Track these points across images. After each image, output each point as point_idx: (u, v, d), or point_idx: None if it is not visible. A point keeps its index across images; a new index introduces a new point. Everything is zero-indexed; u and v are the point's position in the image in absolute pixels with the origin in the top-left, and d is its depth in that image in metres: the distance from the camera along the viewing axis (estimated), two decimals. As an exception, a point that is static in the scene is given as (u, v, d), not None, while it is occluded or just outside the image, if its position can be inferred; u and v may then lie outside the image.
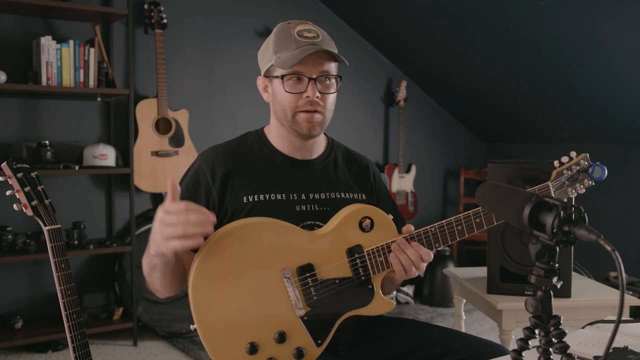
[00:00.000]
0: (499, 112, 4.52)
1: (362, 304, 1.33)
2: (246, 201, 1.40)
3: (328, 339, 1.31)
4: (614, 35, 3.04)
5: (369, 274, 1.32)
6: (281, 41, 1.40)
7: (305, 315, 1.29)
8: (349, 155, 1.59)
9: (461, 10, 3.49)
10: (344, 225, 1.33)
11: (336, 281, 1.31)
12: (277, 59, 1.39)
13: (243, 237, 1.26)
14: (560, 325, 0.89)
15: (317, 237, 1.32)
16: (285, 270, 1.28)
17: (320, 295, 1.30)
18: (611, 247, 0.75)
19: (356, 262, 1.32)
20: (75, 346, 1.42)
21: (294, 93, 1.39)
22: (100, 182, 3.48)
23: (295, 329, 1.28)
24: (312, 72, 1.38)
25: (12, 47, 3.17)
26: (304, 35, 1.39)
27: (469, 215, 1.36)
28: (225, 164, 1.43)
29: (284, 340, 1.27)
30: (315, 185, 1.46)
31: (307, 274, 1.29)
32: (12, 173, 1.42)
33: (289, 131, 1.44)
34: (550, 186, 1.38)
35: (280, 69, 1.39)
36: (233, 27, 3.86)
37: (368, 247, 1.33)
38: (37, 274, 3.31)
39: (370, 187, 1.56)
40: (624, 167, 3.90)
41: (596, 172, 1.35)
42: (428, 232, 1.34)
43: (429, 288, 4.03)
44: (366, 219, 1.33)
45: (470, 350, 1.37)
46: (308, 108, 1.39)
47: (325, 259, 1.31)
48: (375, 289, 1.34)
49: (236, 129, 3.84)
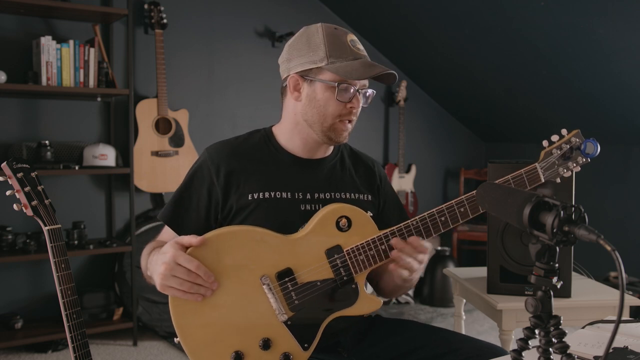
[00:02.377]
0: (499, 112, 4.52)
1: (347, 304, 1.32)
2: (251, 199, 1.39)
3: (315, 342, 1.30)
4: (614, 35, 3.04)
5: (350, 273, 1.31)
6: (335, 47, 1.37)
7: (289, 320, 1.28)
8: (355, 156, 1.58)
9: (461, 11, 3.49)
10: (321, 226, 1.31)
11: (317, 283, 1.29)
12: (331, 63, 1.35)
13: (217, 248, 1.25)
14: (560, 325, 0.89)
15: (294, 241, 1.30)
16: (263, 277, 1.27)
17: (302, 299, 1.29)
18: (611, 247, 0.75)
19: (336, 262, 1.30)
20: (75, 346, 1.42)
21: (342, 102, 1.38)
22: (100, 182, 3.48)
23: (279, 335, 1.27)
24: (358, 84, 1.39)
25: (12, 47, 3.17)
26: (356, 46, 1.39)
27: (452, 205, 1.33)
28: (231, 160, 1.42)
29: (269, 346, 1.26)
30: (321, 185, 1.45)
31: (286, 279, 1.28)
32: (12, 173, 1.42)
33: (317, 135, 1.42)
34: (537, 167, 1.34)
35: (334, 75, 1.36)
36: (233, 27, 3.87)
37: (347, 247, 1.31)
38: (37, 274, 3.31)
39: (376, 189, 1.55)
40: (624, 167, 3.90)
41: (589, 147, 1.32)
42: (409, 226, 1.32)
43: (429, 288, 4.03)
44: (343, 218, 1.31)
45: (470, 352, 1.37)
46: (350, 118, 1.40)
47: (304, 262, 1.29)
48: (360, 288, 1.32)
49: (236, 129, 3.84)
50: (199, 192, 1.42)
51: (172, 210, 1.43)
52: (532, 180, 1.34)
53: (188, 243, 1.22)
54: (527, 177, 1.34)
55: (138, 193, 3.42)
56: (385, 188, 1.58)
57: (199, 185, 1.42)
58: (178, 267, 1.19)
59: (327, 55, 1.36)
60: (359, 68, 1.34)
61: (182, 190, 1.44)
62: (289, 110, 1.46)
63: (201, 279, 1.20)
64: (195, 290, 1.21)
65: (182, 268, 1.19)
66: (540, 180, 1.34)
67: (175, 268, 1.19)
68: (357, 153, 1.60)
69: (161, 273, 1.19)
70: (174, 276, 1.19)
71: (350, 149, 1.60)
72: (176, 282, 1.19)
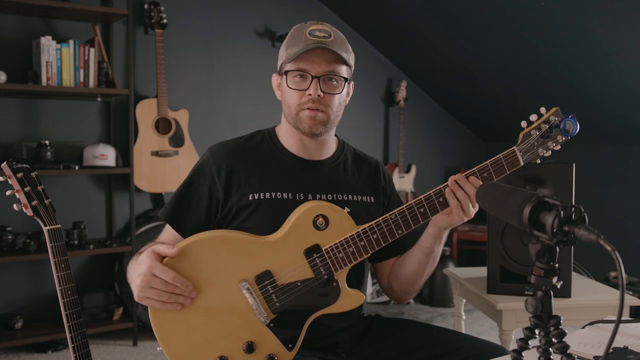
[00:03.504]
0: (499, 112, 4.52)
1: (329, 302, 1.31)
2: (252, 199, 1.39)
3: (299, 341, 1.30)
4: (614, 35, 3.04)
5: (331, 272, 1.30)
6: (292, 39, 1.41)
7: (271, 322, 1.28)
8: (359, 158, 1.58)
9: (461, 10, 3.49)
10: (298, 226, 1.30)
11: (298, 284, 1.29)
12: (287, 55, 1.39)
13: (195, 255, 1.25)
14: (560, 325, 0.89)
15: (271, 243, 1.30)
16: (242, 282, 1.26)
17: (283, 300, 1.28)
18: (611, 247, 0.75)
19: (316, 262, 1.30)
20: (75, 346, 1.42)
21: (296, 90, 1.38)
22: (100, 182, 3.48)
23: (262, 337, 1.27)
24: (318, 71, 1.37)
25: (12, 47, 3.17)
26: (314, 34, 1.38)
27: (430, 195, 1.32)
28: (232, 160, 1.43)
29: (253, 349, 1.26)
30: (323, 187, 1.45)
31: (265, 282, 1.27)
32: (12, 173, 1.42)
33: (294, 129, 1.43)
34: (516, 151, 1.31)
35: (286, 64, 1.39)
36: (233, 27, 3.87)
37: (326, 245, 1.30)
38: (37, 274, 3.31)
39: (381, 189, 1.55)
40: (624, 167, 3.90)
41: (568, 125, 1.29)
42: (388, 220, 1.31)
43: (429, 288, 4.03)
44: (319, 217, 1.30)
45: (471, 351, 1.36)
46: (310, 106, 1.38)
47: (283, 264, 1.29)
48: (341, 285, 1.32)
49: (236, 129, 3.84)
50: (200, 191, 1.42)
51: (172, 208, 1.43)
52: (511, 164, 1.32)
53: (164, 253, 1.22)
54: (506, 162, 1.32)
55: (138, 193, 3.42)
56: (390, 188, 1.58)
57: (200, 184, 1.42)
58: (155, 279, 1.19)
59: (286, 48, 1.41)
60: (297, 52, 1.35)
61: (183, 189, 1.44)
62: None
63: (179, 288, 1.20)
64: (173, 300, 1.21)
65: (159, 279, 1.19)
66: (520, 164, 1.32)
67: (152, 279, 1.18)
68: (361, 155, 1.59)
69: (138, 285, 1.19)
70: (151, 287, 1.19)
71: (354, 151, 1.60)
72: (153, 293, 1.19)
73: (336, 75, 1.39)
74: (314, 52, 1.36)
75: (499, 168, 1.33)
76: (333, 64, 1.38)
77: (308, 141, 1.46)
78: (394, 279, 1.51)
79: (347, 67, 1.42)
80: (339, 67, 1.40)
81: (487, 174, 1.32)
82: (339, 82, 1.40)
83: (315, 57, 1.36)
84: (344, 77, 1.41)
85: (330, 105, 1.40)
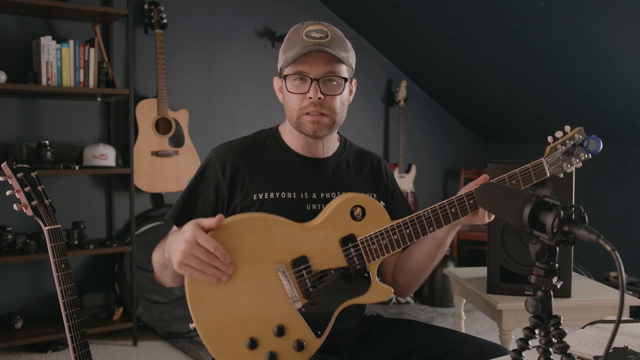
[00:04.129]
0: (499, 112, 4.53)
1: (359, 292, 1.33)
2: (256, 199, 1.39)
3: (328, 329, 1.31)
4: (614, 35, 3.04)
5: (363, 262, 1.32)
6: (289, 41, 1.40)
7: (303, 308, 1.28)
8: (361, 154, 1.58)
9: (461, 10, 3.49)
10: (336, 215, 1.32)
11: (331, 271, 1.30)
12: (285, 58, 1.39)
13: (235, 233, 1.25)
14: (560, 325, 0.89)
15: (309, 229, 1.32)
16: (279, 264, 1.27)
17: (316, 286, 1.29)
18: (611, 247, 0.75)
19: (350, 251, 1.31)
20: (75, 346, 1.42)
21: (296, 93, 1.38)
22: (100, 182, 3.48)
23: (293, 322, 1.28)
24: (317, 73, 1.36)
25: (12, 47, 3.17)
26: (311, 35, 1.37)
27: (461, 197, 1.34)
28: (237, 159, 1.43)
29: (283, 333, 1.27)
30: (327, 185, 1.45)
31: (301, 266, 1.29)
32: (12, 173, 1.42)
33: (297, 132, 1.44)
34: (544, 162, 1.37)
35: (285, 68, 1.39)
36: (233, 27, 3.87)
37: (361, 236, 1.32)
38: (37, 274, 3.31)
39: (384, 186, 1.55)
40: (624, 167, 3.90)
41: (591, 144, 1.35)
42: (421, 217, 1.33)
43: (429, 288, 4.03)
44: (357, 208, 1.33)
45: (471, 351, 1.36)
46: (311, 110, 1.37)
47: (319, 250, 1.30)
48: (372, 276, 1.33)
49: (236, 129, 3.84)
50: (206, 191, 1.42)
51: (179, 210, 1.43)
52: (538, 174, 1.37)
53: (208, 226, 1.20)
54: (533, 172, 1.37)
55: (138, 193, 3.42)
56: (392, 184, 1.59)
57: (206, 185, 1.43)
58: (198, 247, 1.18)
59: (284, 50, 1.41)
60: (294, 56, 1.35)
61: (189, 190, 1.44)
62: None
63: (219, 261, 1.19)
64: (212, 272, 1.20)
65: (202, 248, 1.18)
66: (546, 175, 1.37)
67: (195, 247, 1.18)
68: (363, 152, 1.60)
69: (182, 250, 1.17)
70: (193, 255, 1.18)
71: (357, 148, 1.60)
72: (195, 262, 1.18)
73: (336, 75, 1.38)
74: (311, 54, 1.35)
75: (526, 177, 1.37)
76: (332, 65, 1.37)
77: (312, 141, 1.46)
78: (400, 272, 1.52)
79: (346, 66, 1.41)
80: (339, 67, 1.39)
81: (516, 181, 1.37)
82: (339, 82, 1.39)
83: (312, 59, 1.36)
84: (343, 77, 1.40)
85: (333, 107, 1.39)
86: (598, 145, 1.35)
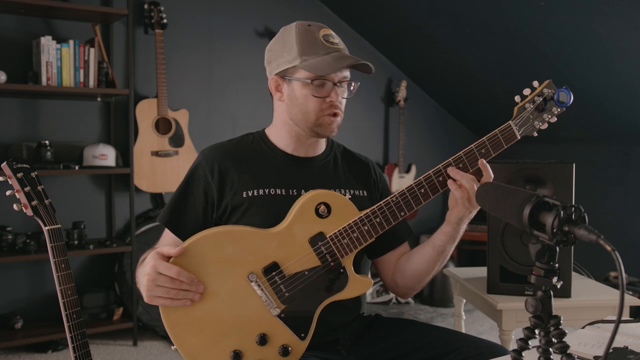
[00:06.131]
0: (499, 112, 4.52)
1: (338, 289, 1.33)
2: (245, 196, 1.41)
3: (311, 330, 1.31)
4: (614, 35, 3.04)
5: (337, 258, 1.32)
6: (307, 44, 1.39)
7: (282, 313, 1.29)
8: (349, 154, 1.60)
9: (461, 10, 3.49)
10: (301, 215, 1.32)
11: (305, 273, 1.30)
12: (304, 61, 1.38)
13: (200, 253, 1.26)
14: (560, 325, 0.89)
15: (276, 234, 1.31)
16: (250, 274, 1.28)
17: (292, 290, 1.29)
18: (611, 247, 0.75)
19: (321, 249, 1.31)
20: (75, 346, 1.42)
21: (320, 97, 1.40)
22: (100, 182, 3.48)
23: (275, 329, 1.28)
24: (339, 78, 1.40)
25: (12, 47, 3.17)
26: (329, 40, 1.40)
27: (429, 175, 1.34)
28: (225, 160, 1.45)
29: (266, 342, 1.27)
30: (315, 182, 1.46)
31: (273, 273, 1.29)
32: (12, 173, 1.42)
33: (305, 132, 1.44)
34: (512, 125, 1.33)
35: (308, 72, 1.38)
36: (233, 27, 3.87)
37: (330, 232, 1.31)
38: (37, 274, 3.31)
39: (373, 184, 1.56)
40: (624, 167, 3.90)
41: (562, 97, 1.31)
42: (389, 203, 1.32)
43: (429, 288, 4.03)
44: (321, 205, 1.32)
45: (470, 351, 1.37)
46: (331, 111, 1.41)
47: (289, 254, 1.30)
48: (348, 271, 1.33)
49: (236, 129, 3.84)
50: (196, 193, 1.44)
51: (169, 212, 1.45)
52: (508, 138, 1.33)
53: (168, 253, 1.23)
54: (502, 137, 1.33)
55: (138, 193, 3.42)
56: (382, 183, 1.60)
57: (195, 187, 1.44)
58: (160, 276, 1.20)
59: (300, 54, 1.39)
60: (330, 62, 1.36)
61: (179, 193, 1.46)
62: (277, 110, 1.50)
63: (185, 284, 1.21)
64: (182, 296, 1.22)
65: (165, 276, 1.20)
66: (517, 138, 1.33)
67: (158, 277, 1.20)
68: (351, 152, 1.62)
69: (145, 285, 1.21)
70: (158, 286, 1.20)
71: (344, 148, 1.62)
72: (161, 291, 1.21)
73: (348, 80, 1.44)
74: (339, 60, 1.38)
75: (495, 143, 1.34)
76: (345, 70, 1.42)
77: (304, 141, 1.48)
78: (400, 275, 1.52)
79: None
80: (348, 70, 1.43)
81: (485, 150, 1.34)
82: (348, 85, 1.45)
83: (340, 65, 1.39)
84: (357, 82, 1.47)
85: (343, 107, 1.45)
86: (569, 97, 1.31)
